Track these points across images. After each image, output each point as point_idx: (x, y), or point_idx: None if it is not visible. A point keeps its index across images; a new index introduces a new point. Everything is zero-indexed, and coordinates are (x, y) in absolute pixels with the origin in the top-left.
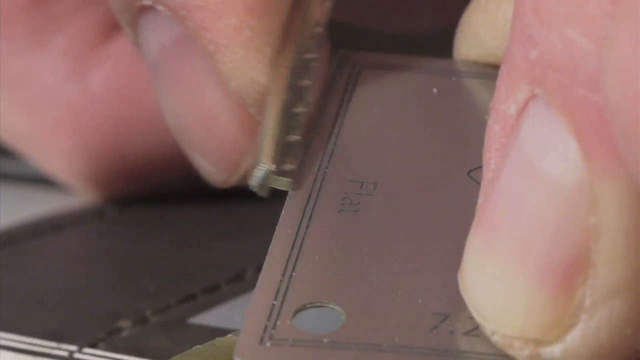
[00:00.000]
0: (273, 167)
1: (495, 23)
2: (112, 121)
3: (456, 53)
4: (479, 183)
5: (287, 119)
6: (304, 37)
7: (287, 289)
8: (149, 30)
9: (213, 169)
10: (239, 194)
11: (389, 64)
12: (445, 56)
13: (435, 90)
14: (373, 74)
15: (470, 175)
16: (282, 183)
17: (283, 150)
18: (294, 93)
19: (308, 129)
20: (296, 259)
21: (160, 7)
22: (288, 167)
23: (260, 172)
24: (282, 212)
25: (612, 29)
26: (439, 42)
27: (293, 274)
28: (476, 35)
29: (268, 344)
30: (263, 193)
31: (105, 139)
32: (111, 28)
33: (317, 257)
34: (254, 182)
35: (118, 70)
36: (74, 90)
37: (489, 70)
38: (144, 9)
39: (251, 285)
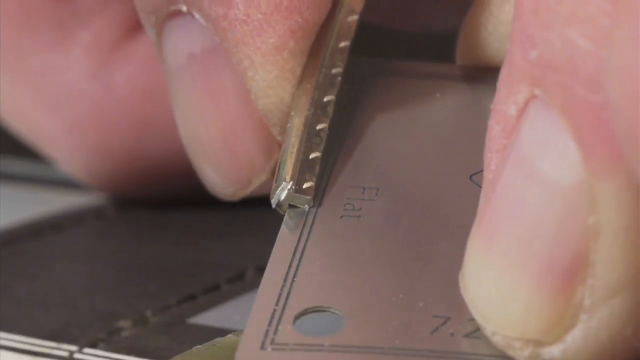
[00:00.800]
0: (294, 186)
1: (498, 25)
2: (134, 122)
3: (458, 55)
4: (481, 187)
5: (310, 136)
6: (330, 51)
7: (288, 294)
8: (177, 36)
9: (222, 184)
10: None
11: (393, 69)
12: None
13: (438, 95)
14: (377, 80)
15: (472, 179)
16: (302, 201)
17: (304, 168)
18: (317, 109)
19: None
20: (298, 264)
21: (197, 15)
22: (307, 184)
23: (282, 191)
24: (285, 217)
25: (613, 30)
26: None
27: (295, 279)
28: (479, 37)
29: (269, 349)
30: (282, 211)
31: (126, 139)
32: (136, 26)
33: (318, 263)
34: (274, 200)
35: (142, 70)
36: (97, 89)
37: (492, 75)
38: (176, 14)
39: (251, 285)
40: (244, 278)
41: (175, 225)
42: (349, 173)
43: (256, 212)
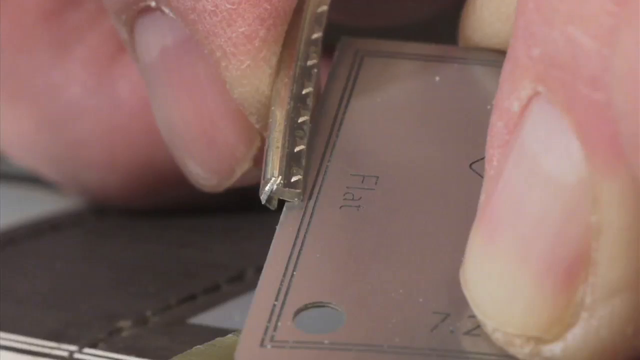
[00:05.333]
0: (281, 180)
1: (500, 5)
2: (141, 132)
3: (460, 35)
4: (481, 176)
5: (293, 130)
6: (303, 42)
7: (288, 288)
8: (148, 32)
9: (206, 175)
10: (240, 193)
11: (391, 50)
12: (440, 40)
13: (437, 78)
14: (375, 61)
15: (472, 167)
16: (290, 195)
17: (290, 162)
18: (297, 101)
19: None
20: (297, 258)
21: (166, 10)
22: (295, 177)
23: (270, 186)
24: (284, 209)
25: (618, 32)
26: (434, 27)
27: (294, 273)
28: (481, 18)
29: (269, 346)
30: (272, 206)
31: (135, 150)
32: None
33: (318, 256)
34: (263, 195)
35: (143, 80)
36: (101, 103)
37: (492, 57)
38: (146, 10)
39: (251, 285)
40: (243, 278)
41: (175, 226)
42: (348, 161)
43: (256, 212)
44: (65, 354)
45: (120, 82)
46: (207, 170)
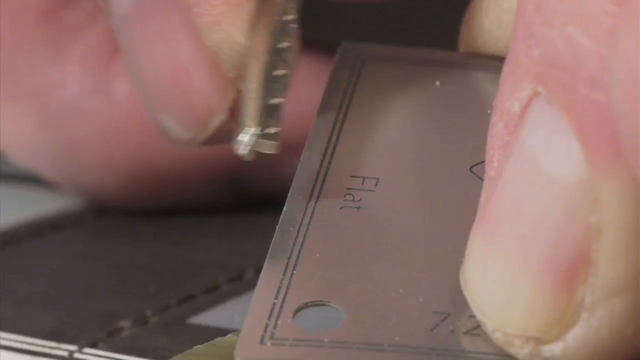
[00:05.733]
0: (258, 130)
1: (500, 13)
2: (138, 131)
3: (461, 43)
4: (481, 179)
5: (269, 82)
6: None
7: (288, 287)
8: None
9: (180, 128)
10: (240, 193)
11: (392, 55)
12: (436, 37)
13: (438, 83)
14: (376, 66)
15: (472, 170)
16: (267, 146)
17: (267, 114)
18: (275, 55)
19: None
20: (297, 257)
21: None
22: (272, 130)
23: (246, 136)
24: (284, 209)
25: (618, 32)
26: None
27: (294, 271)
28: (481, 25)
29: (268, 344)
30: (249, 157)
31: (133, 150)
32: None
33: (318, 255)
34: (239, 146)
35: None
36: (98, 103)
37: (493, 63)
38: None
39: (251, 285)
40: (243, 278)
41: (175, 225)
42: (348, 163)
43: (256, 212)
44: (65, 354)
45: (118, 82)
46: (181, 123)
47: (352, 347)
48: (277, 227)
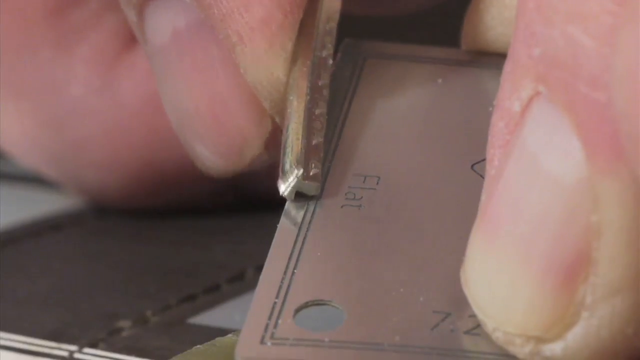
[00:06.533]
0: (301, 172)
1: (502, 9)
2: (144, 131)
3: (463, 40)
4: (482, 177)
5: (311, 121)
6: (319, 33)
7: (288, 286)
8: (160, 14)
9: (215, 158)
10: (240, 194)
11: (394, 53)
12: (438, 34)
13: (440, 80)
14: (378, 64)
15: (473, 168)
16: (310, 188)
17: (309, 154)
18: (314, 92)
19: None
20: (298, 256)
21: None
22: (314, 171)
23: (290, 177)
24: (285, 207)
25: (618, 31)
26: (432, 21)
27: (295, 270)
28: (483, 22)
29: (269, 343)
30: (290, 198)
31: (138, 150)
32: (134, 37)
33: (319, 254)
34: (283, 187)
35: (147, 79)
36: (104, 102)
37: (495, 60)
38: None
39: (251, 285)
40: (244, 278)
41: (175, 225)
42: (350, 161)
43: (256, 212)
44: (65, 354)
45: (123, 82)
46: (216, 153)
47: (352, 347)
48: (278, 226)
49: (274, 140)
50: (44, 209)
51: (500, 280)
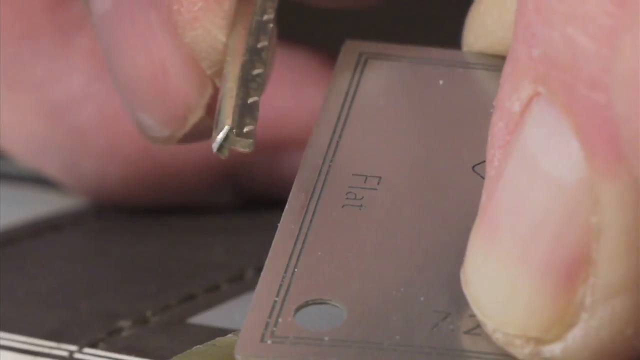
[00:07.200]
0: (234, 129)
1: (504, 12)
2: None
3: (464, 42)
4: (483, 178)
5: (247, 81)
6: None
7: (289, 285)
8: None
9: (158, 126)
10: (240, 194)
11: (395, 54)
12: (439, 35)
13: (441, 82)
14: (379, 64)
15: (474, 169)
16: (243, 144)
17: (243, 112)
18: (252, 54)
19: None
20: (299, 255)
21: None
22: (248, 128)
23: (222, 133)
24: (286, 206)
25: (618, 33)
26: (433, 22)
27: (295, 269)
28: (484, 25)
29: (269, 342)
30: (223, 155)
31: (138, 139)
32: None
33: (319, 253)
34: (215, 143)
35: None
36: (102, 90)
37: (496, 62)
38: None
39: (251, 285)
40: (243, 278)
41: (175, 225)
42: (350, 161)
43: (256, 212)
44: (65, 354)
45: None
46: (159, 121)
47: (352, 346)
48: (278, 224)
49: (216, 105)
50: (44, 209)
51: (500, 281)
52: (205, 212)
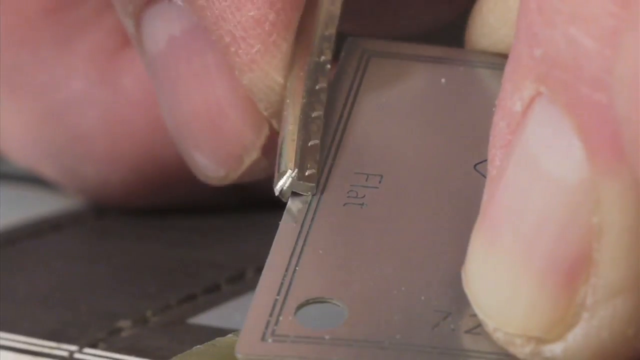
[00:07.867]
0: (296, 172)
1: (506, 11)
2: (143, 125)
3: (467, 41)
4: (485, 177)
5: (307, 123)
6: (317, 38)
7: (290, 283)
8: (156, 22)
9: (214, 166)
10: (240, 193)
11: (398, 51)
12: (442, 34)
13: (443, 80)
14: (381, 62)
15: (476, 168)
16: (305, 188)
17: (304, 155)
18: (311, 96)
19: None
20: (300, 253)
21: None
22: (310, 171)
23: (285, 177)
24: (287, 205)
25: (620, 33)
26: (445, 33)
27: (296, 268)
28: (487, 23)
29: (270, 340)
30: (285, 198)
31: (139, 142)
32: None
33: (321, 252)
34: (277, 188)
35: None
36: (104, 95)
37: (498, 60)
38: (153, 0)
39: (251, 285)
40: (244, 278)
41: (176, 225)
42: (352, 159)
43: (256, 212)
44: (65, 354)
45: (124, 76)
46: (214, 161)
47: (353, 345)
48: (280, 223)
49: (272, 146)
50: (44, 209)
51: (501, 280)
52: (205, 212)
